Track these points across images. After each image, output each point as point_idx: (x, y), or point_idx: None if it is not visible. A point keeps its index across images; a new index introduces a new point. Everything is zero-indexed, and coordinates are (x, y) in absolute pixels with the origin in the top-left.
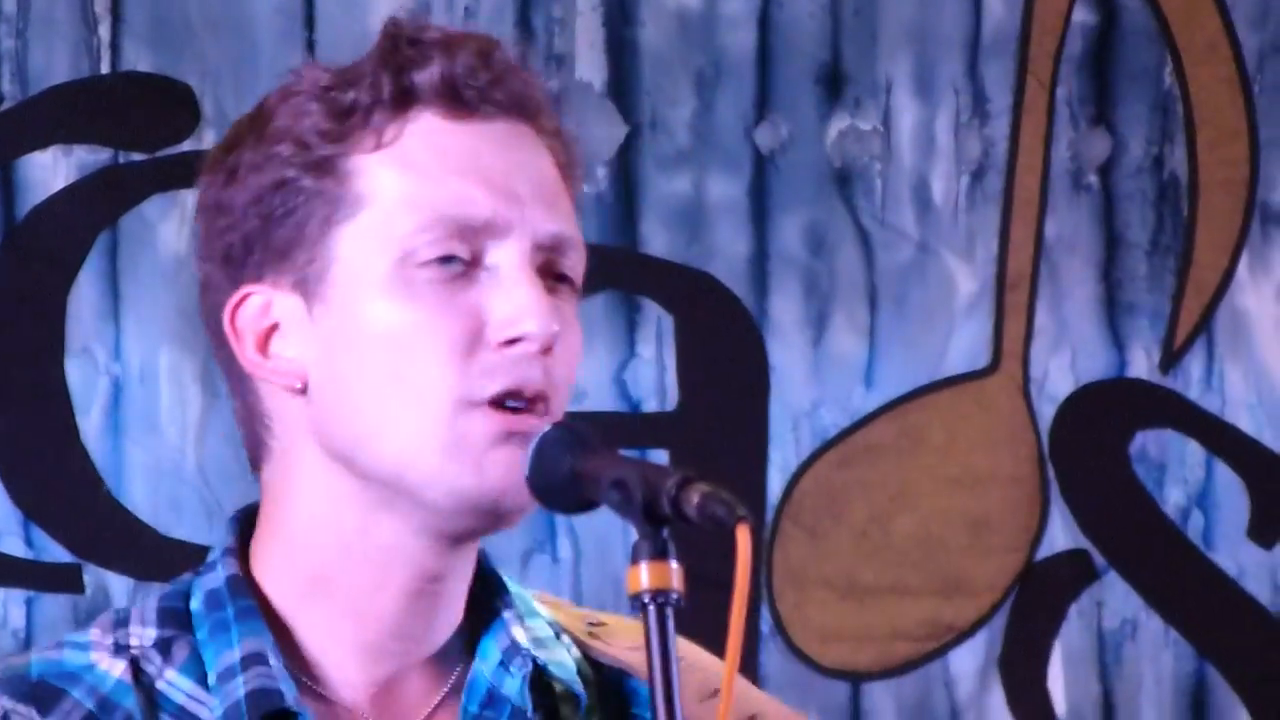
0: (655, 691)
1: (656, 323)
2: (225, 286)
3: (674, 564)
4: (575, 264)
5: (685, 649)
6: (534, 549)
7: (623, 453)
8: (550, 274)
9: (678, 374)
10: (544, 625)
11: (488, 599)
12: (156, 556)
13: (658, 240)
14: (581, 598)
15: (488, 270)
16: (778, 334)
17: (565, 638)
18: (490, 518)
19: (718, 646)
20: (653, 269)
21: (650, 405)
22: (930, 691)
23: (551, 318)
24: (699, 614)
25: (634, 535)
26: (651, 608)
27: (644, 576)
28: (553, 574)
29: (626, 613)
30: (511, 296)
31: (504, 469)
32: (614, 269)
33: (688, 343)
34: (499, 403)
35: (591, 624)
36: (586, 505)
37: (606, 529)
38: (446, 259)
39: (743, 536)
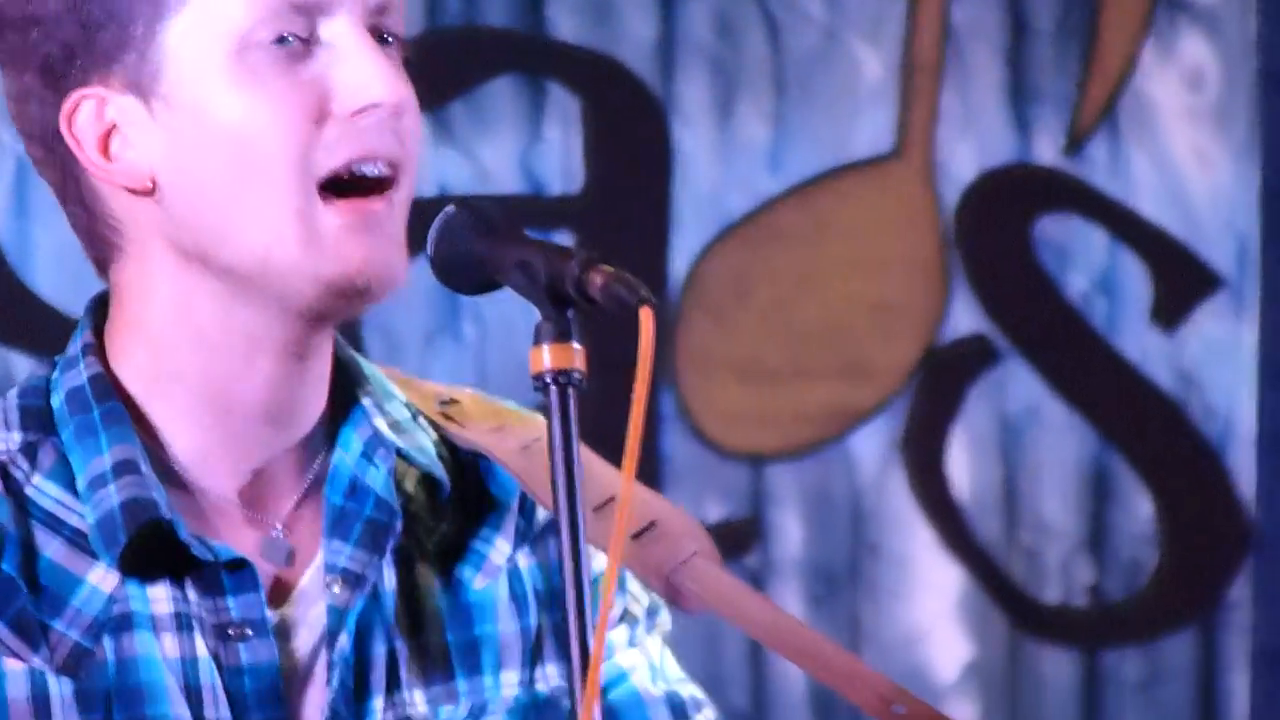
0: (556, 470)
1: (563, 106)
2: (50, 96)
3: (576, 345)
4: (398, 23)
5: (583, 458)
6: (437, 331)
7: (528, 235)
8: (378, 37)
9: (584, 157)
10: (401, 408)
11: (348, 386)
12: (61, 336)
13: (565, 24)
14: (486, 379)
15: (324, 46)
16: (684, 118)
17: (422, 420)
18: (355, 300)
19: (620, 428)
20: (560, 53)
21: (555, 188)
22: (831, 474)
23: (399, 83)
24: (601, 396)
25: (538, 317)
26: (554, 388)
27: (546, 357)
28: (457, 355)
29: (532, 398)
30: (355, 67)
31: (364, 251)
32: (521, 53)
33: (594, 126)
34: (352, 175)
35: (443, 402)
36: (490, 286)
37: (511, 310)
38: (282, 39)
39: (645, 319)
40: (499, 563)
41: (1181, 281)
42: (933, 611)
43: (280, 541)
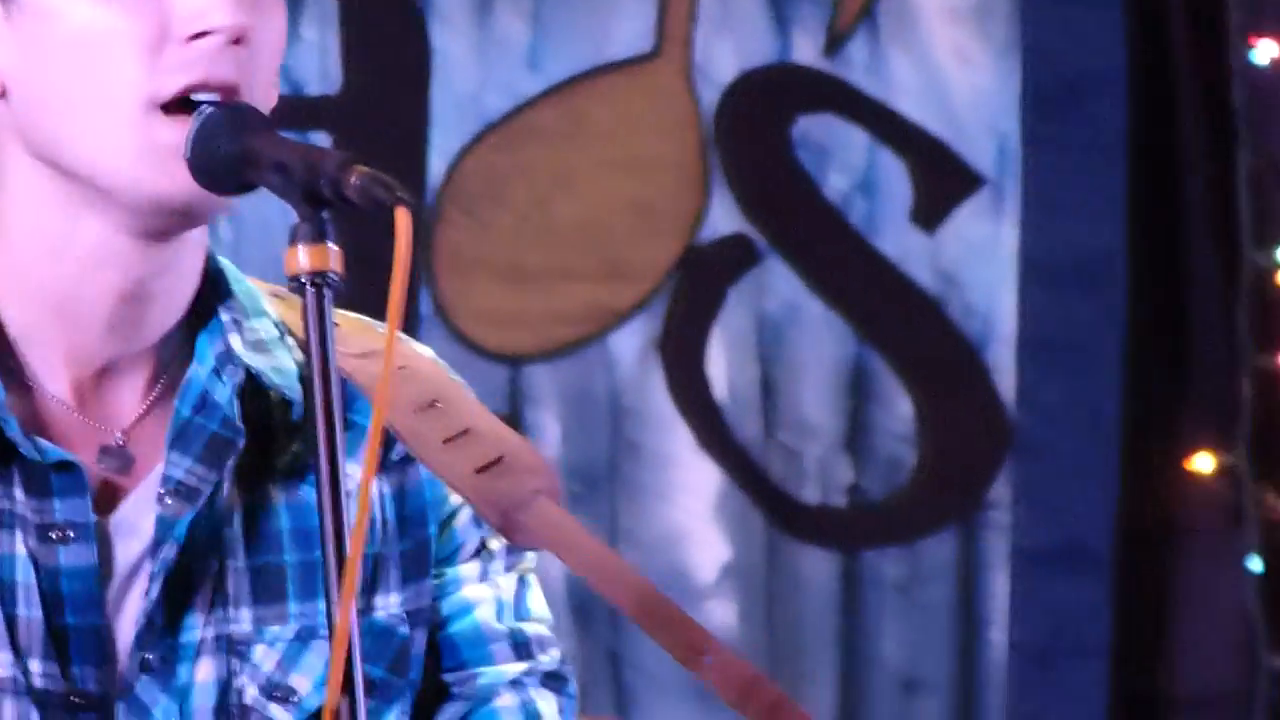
0: (314, 371)
1: (320, 6)
2: None
3: (332, 246)
4: None
5: (408, 356)
6: None
7: (284, 135)
8: None
9: (341, 58)
10: (269, 325)
11: (211, 299)
12: None
13: None
14: None
15: None
16: (442, 18)
17: (290, 339)
18: (185, 218)
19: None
20: None
21: (313, 89)
22: (590, 374)
23: (239, 9)
24: (360, 297)
25: (295, 217)
26: (309, 289)
27: (302, 258)
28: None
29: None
30: None
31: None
32: None
33: (351, 26)
34: (188, 100)
35: None
36: (247, 187)
37: (268, 211)
38: None
39: (402, 219)
40: (349, 488)
41: (942, 181)
42: (692, 511)
43: (118, 449)
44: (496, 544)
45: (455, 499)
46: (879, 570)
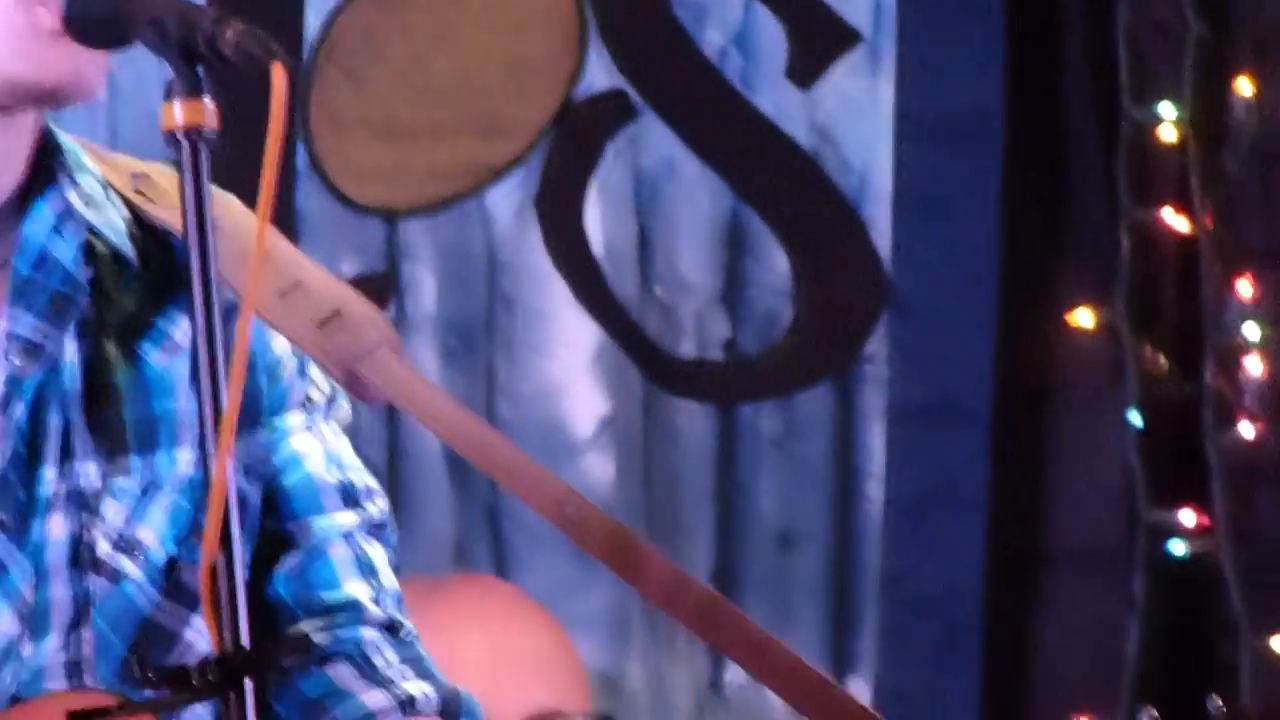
0: (189, 227)
1: None
2: None
3: (208, 101)
4: None
5: (229, 208)
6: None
7: None
8: None
9: None
10: (93, 182)
11: (44, 157)
12: None
13: None
14: (117, 138)
15: None
16: None
17: (114, 195)
18: (51, 102)
19: (254, 185)
20: None
21: None
22: (467, 230)
23: None
24: (236, 153)
25: (171, 73)
26: (185, 144)
27: (177, 113)
28: (89, 114)
29: (165, 155)
30: None
31: (69, 61)
32: None
33: None
34: None
35: (135, 175)
36: (122, 42)
37: (144, 68)
38: None
39: (278, 75)
40: (180, 340)
41: (818, 38)
42: (568, 366)
43: None
44: (318, 395)
45: (277, 349)
46: (755, 424)
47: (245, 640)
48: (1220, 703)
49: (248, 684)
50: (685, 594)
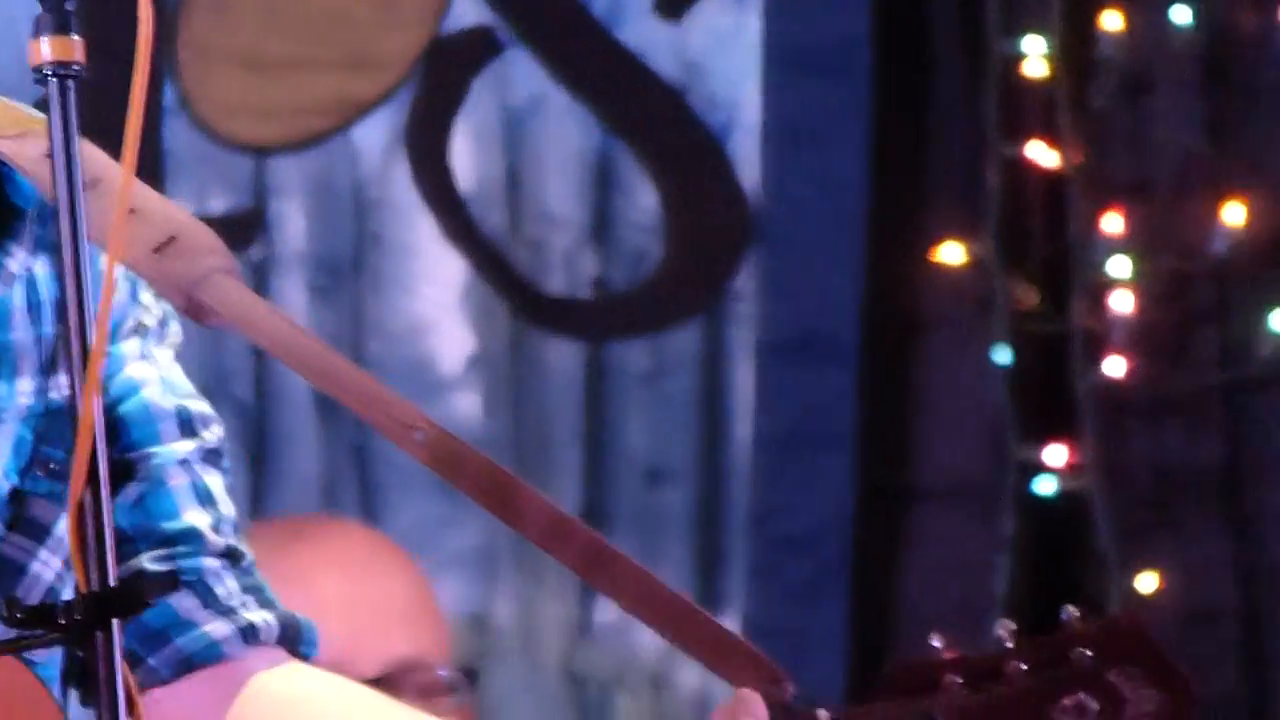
0: (56, 163)
1: None
2: None
3: (75, 37)
4: None
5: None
6: None
7: None
8: None
9: None
10: None
11: None
12: None
13: None
14: None
15: None
16: None
17: None
18: None
19: (121, 121)
20: None
21: None
22: (335, 165)
23: None
24: (103, 88)
25: (38, 9)
26: (53, 80)
27: (45, 49)
28: None
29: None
30: None
31: None
32: None
33: None
34: None
35: None
36: None
37: (10, 5)
38: None
39: (144, 8)
40: (15, 270)
41: None
42: (437, 303)
43: None
44: (150, 320)
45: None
46: (624, 361)
47: (112, 579)
48: (1075, 611)
49: (115, 624)
50: (560, 530)
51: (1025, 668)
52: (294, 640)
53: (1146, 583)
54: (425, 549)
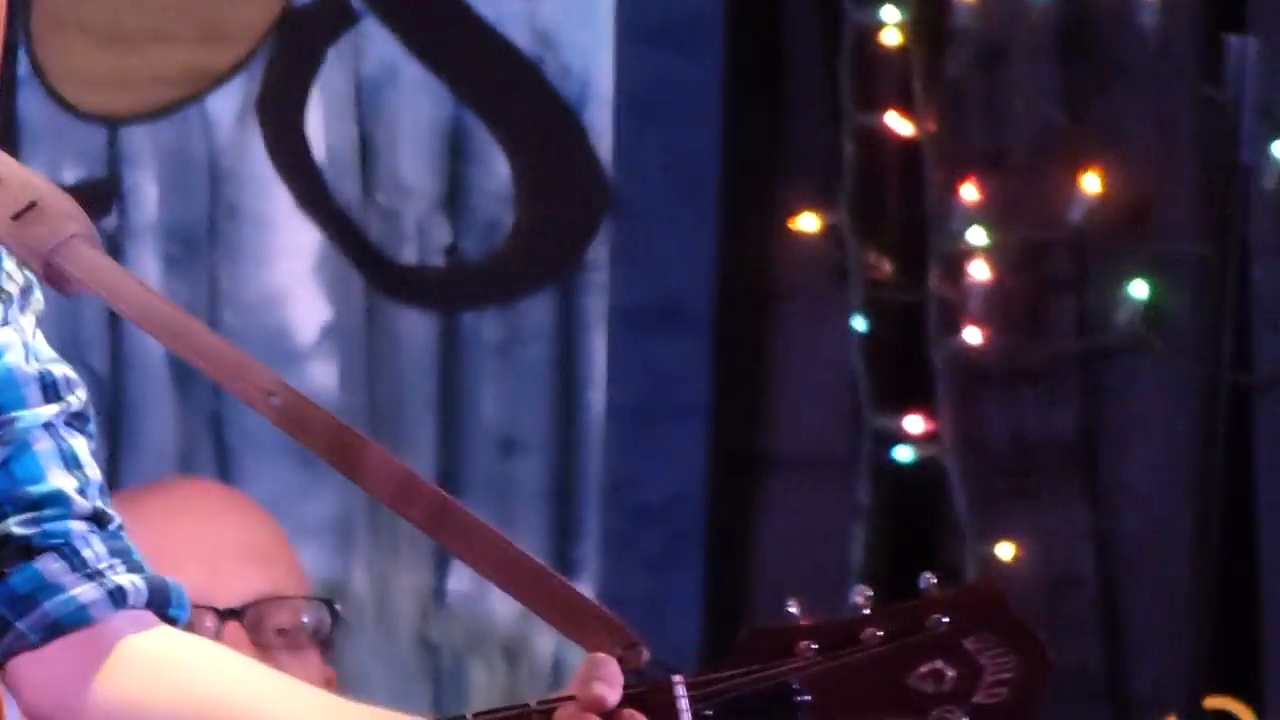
0: None
1: None
2: None
3: None
4: None
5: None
6: None
7: None
8: None
9: None
10: None
11: None
12: None
13: None
14: None
15: None
16: None
17: None
18: None
19: None
20: None
21: None
22: (189, 135)
23: None
24: None
25: None
26: None
27: None
28: None
29: None
30: None
31: None
32: None
33: None
34: None
35: None
36: None
37: None
38: None
39: None
40: None
41: None
42: (291, 273)
43: None
44: (12, 286)
45: None
46: (478, 331)
47: None
48: (932, 579)
49: None
50: (414, 494)
51: (881, 634)
52: (163, 604)
53: (1004, 551)
54: (280, 516)
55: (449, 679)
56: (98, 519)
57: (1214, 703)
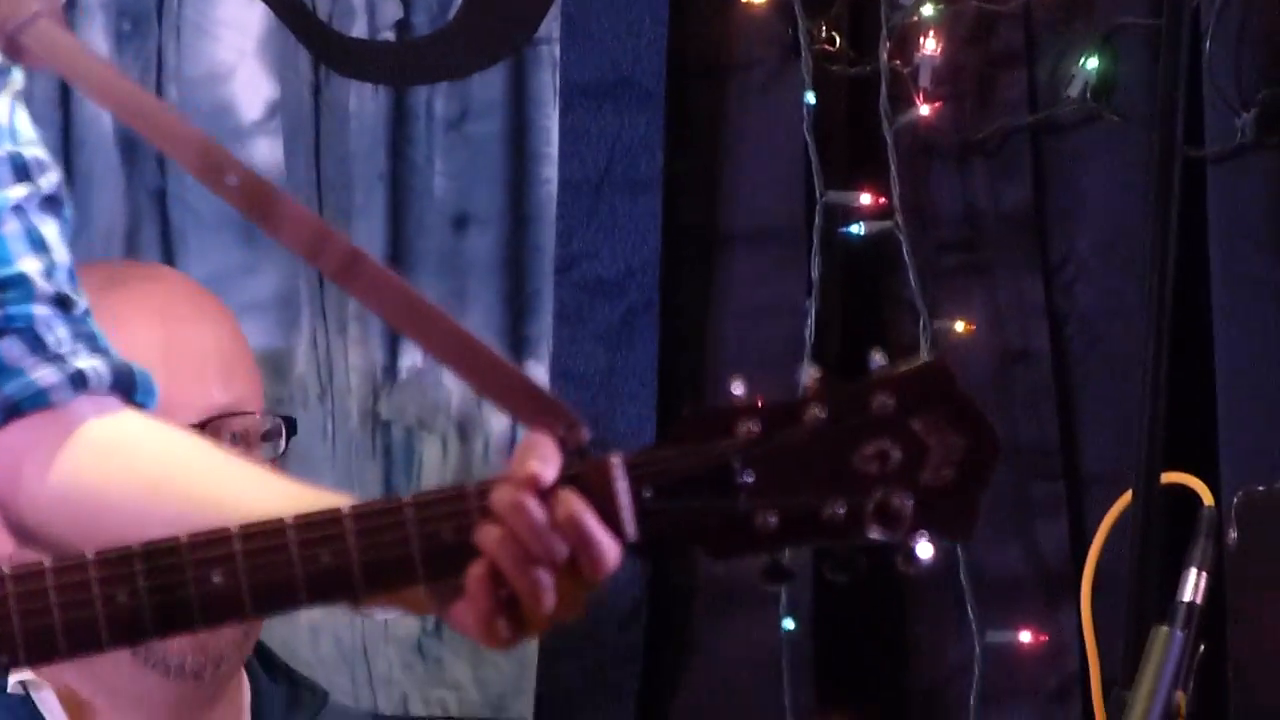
0: None
1: None
2: None
3: None
4: None
5: None
6: None
7: None
8: None
9: None
10: None
11: None
12: None
13: None
14: None
15: None
16: None
17: None
18: None
19: None
20: None
21: None
22: None
23: None
24: None
25: None
26: None
27: None
28: None
29: None
30: None
31: None
32: None
33: None
34: None
35: None
36: None
37: None
38: None
39: None
40: None
41: None
42: (237, 48)
43: None
44: None
45: None
46: (429, 106)
47: None
48: (882, 357)
49: None
50: (327, 246)
51: (825, 415)
52: (129, 389)
53: (956, 327)
54: (224, 294)
55: (399, 454)
56: (62, 302)
57: (1170, 478)
